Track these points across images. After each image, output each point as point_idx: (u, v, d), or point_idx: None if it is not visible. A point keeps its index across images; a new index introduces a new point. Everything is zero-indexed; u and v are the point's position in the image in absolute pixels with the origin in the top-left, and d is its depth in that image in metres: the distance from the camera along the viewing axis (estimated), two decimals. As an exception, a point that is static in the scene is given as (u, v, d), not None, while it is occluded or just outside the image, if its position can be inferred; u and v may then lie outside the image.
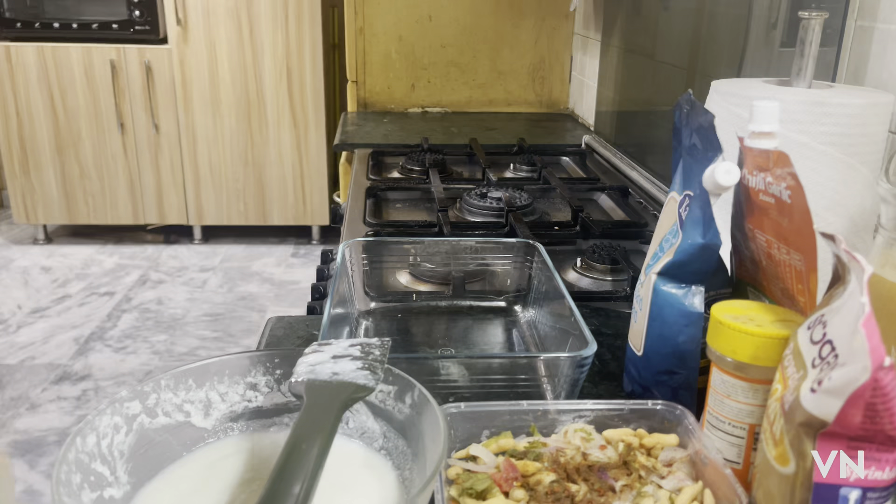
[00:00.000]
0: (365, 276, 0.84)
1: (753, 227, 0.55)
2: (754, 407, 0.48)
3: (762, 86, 0.76)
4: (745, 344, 0.47)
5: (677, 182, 0.62)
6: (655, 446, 0.52)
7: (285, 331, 0.77)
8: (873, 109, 0.67)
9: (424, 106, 2.09)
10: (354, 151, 1.67)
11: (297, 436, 0.43)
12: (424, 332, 0.81)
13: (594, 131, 1.83)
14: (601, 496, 0.47)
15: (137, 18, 2.94)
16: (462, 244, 0.85)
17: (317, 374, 0.49)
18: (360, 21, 2.00)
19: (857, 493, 0.38)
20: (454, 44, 2.04)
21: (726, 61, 1.13)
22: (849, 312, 0.37)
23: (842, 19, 0.81)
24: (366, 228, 1.10)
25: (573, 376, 0.59)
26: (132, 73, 3.00)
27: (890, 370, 0.33)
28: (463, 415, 0.52)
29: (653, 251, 0.63)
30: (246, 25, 2.98)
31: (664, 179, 1.30)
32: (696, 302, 0.58)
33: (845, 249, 0.40)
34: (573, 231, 1.10)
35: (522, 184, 1.33)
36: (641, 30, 1.53)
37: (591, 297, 0.88)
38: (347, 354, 0.51)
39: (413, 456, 0.49)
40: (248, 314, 2.70)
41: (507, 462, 0.49)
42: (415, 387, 0.49)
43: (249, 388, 0.54)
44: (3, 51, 2.95)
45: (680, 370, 0.59)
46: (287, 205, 3.24)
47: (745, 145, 0.55)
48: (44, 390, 2.18)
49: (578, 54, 2.02)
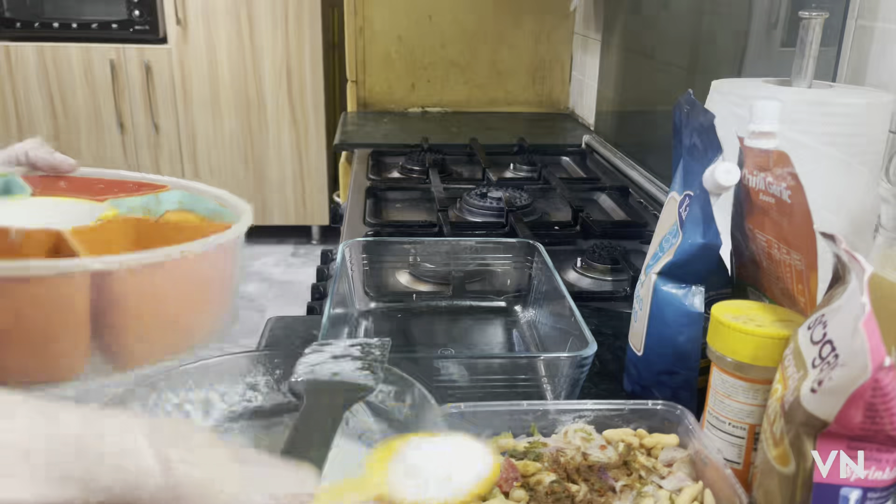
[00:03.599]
0: (365, 276, 0.84)
1: (753, 227, 0.55)
2: (754, 407, 0.48)
3: (762, 86, 0.76)
4: (745, 344, 0.47)
5: (677, 182, 0.62)
6: (655, 446, 0.52)
7: (285, 331, 0.77)
8: (873, 109, 0.68)
9: (424, 106, 2.09)
10: (354, 151, 1.66)
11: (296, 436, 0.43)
12: (424, 332, 0.81)
13: (594, 131, 1.83)
14: (601, 496, 0.47)
15: (137, 18, 2.94)
16: (462, 244, 0.85)
17: (317, 374, 0.49)
18: (359, 21, 2.00)
19: (857, 493, 0.38)
20: (454, 44, 2.04)
21: (726, 61, 1.13)
22: (849, 312, 0.37)
23: (842, 19, 0.81)
24: (366, 228, 1.10)
25: (573, 376, 0.59)
26: (132, 73, 3.00)
27: (890, 370, 0.33)
28: (463, 415, 0.52)
29: (653, 251, 0.63)
30: (246, 25, 2.98)
31: (664, 179, 1.30)
32: (696, 302, 0.58)
33: (845, 249, 0.40)
34: (573, 231, 1.10)
35: (522, 184, 1.33)
36: (641, 30, 1.53)
37: (591, 297, 0.88)
38: (347, 354, 0.51)
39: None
40: (248, 314, 2.70)
41: (507, 462, 0.49)
42: (415, 387, 0.49)
43: (249, 388, 0.54)
44: (3, 51, 2.95)
45: (680, 370, 0.59)
46: (287, 205, 3.24)
47: (746, 145, 0.55)
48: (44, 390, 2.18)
49: (578, 54, 2.02)
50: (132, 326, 0.37)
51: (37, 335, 0.35)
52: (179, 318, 0.40)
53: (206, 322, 0.42)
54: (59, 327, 0.35)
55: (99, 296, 0.36)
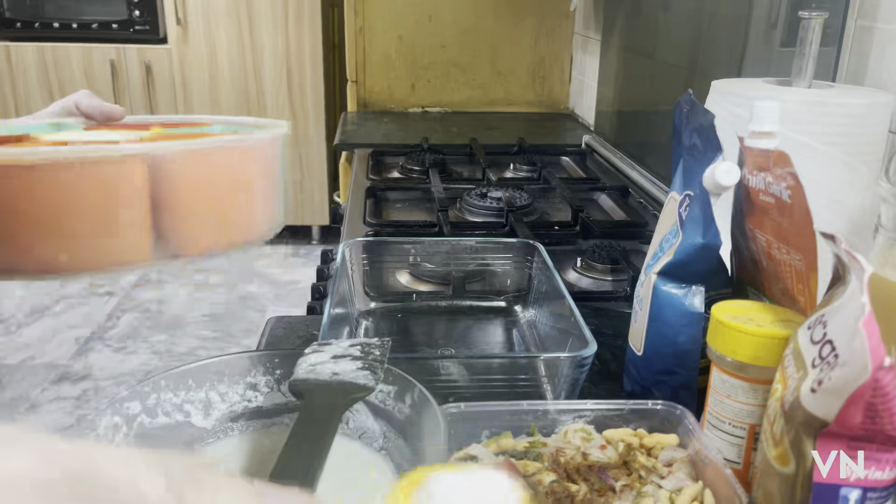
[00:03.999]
0: (365, 276, 0.84)
1: (754, 227, 0.55)
2: (754, 407, 0.48)
3: (762, 86, 0.76)
4: (745, 344, 0.47)
5: (677, 182, 0.62)
6: (655, 446, 0.52)
7: (285, 331, 0.77)
8: (873, 109, 0.68)
9: (424, 106, 2.09)
10: (354, 151, 1.66)
11: (297, 436, 0.43)
12: (424, 332, 0.81)
13: (594, 131, 1.83)
14: (601, 496, 0.47)
15: (137, 18, 2.94)
16: (462, 244, 0.85)
17: (317, 374, 0.49)
18: (360, 21, 2.00)
19: (857, 493, 0.38)
20: (454, 44, 2.04)
21: (726, 61, 1.13)
22: (849, 312, 0.37)
23: (842, 19, 0.81)
24: (366, 228, 1.10)
25: (573, 376, 0.59)
26: (132, 73, 3.00)
27: (890, 370, 0.33)
28: (463, 415, 0.52)
29: (653, 251, 0.63)
30: (246, 25, 2.98)
31: (664, 179, 1.30)
32: (696, 302, 0.58)
33: (845, 249, 0.40)
34: (573, 231, 1.10)
35: (522, 184, 1.33)
36: (641, 30, 1.53)
37: (591, 297, 0.88)
38: (347, 354, 0.51)
39: (413, 456, 0.49)
40: (248, 314, 2.70)
41: (507, 462, 0.49)
42: (415, 387, 0.49)
43: (249, 388, 0.54)
44: (3, 51, 2.95)
45: (680, 370, 0.59)
46: (287, 205, 3.21)
47: (746, 145, 0.55)
48: (44, 390, 2.18)
49: (578, 54, 2.02)
50: (188, 214, 0.41)
51: (103, 220, 0.38)
52: (230, 210, 0.43)
53: (255, 218, 0.45)
54: (122, 209, 0.38)
55: (155, 182, 0.39)
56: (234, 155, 0.43)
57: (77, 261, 0.38)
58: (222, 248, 0.43)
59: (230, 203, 0.43)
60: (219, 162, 0.42)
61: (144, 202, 0.39)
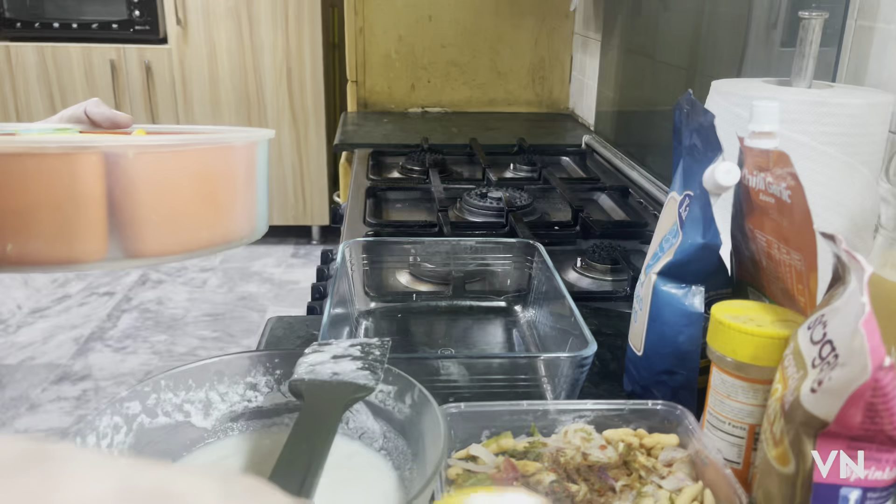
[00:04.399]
0: (365, 276, 0.84)
1: (753, 227, 0.55)
2: (754, 407, 0.48)
3: (762, 86, 0.76)
4: (745, 344, 0.47)
5: (677, 182, 0.62)
6: (655, 446, 0.52)
7: (285, 331, 0.77)
8: (873, 109, 0.67)
9: (424, 106, 2.09)
10: (354, 151, 1.67)
11: (297, 436, 0.43)
12: (424, 332, 0.81)
13: (594, 131, 1.83)
14: (601, 496, 0.47)
15: (137, 18, 2.94)
16: (462, 244, 0.85)
17: (317, 374, 0.49)
18: (360, 21, 2.00)
19: (857, 493, 0.38)
20: (454, 44, 2.04)
21: (726, 61, 1.13)
22: (849, 312, 0.37)
23: (842, 19, 0.81)
24: (366, 228, 1.10)
25: (573, 376, 0.59)
26: (132, 74, 3.00)
27: (890, 370, 0.33)
28: (463, 415, 0.52)
29: (653, 251, 0.63)
30: (246, 25, 2.98)
31: (664, 179, 1.30)
32: (696, 302, 0.58)
33: (845, 249, 0.40)
34: (573, 231, 1.10)
35: (522, 184, 1.33)
36: (641, 30, 1.53)
37: (591, 297, 0.88)
38: (347, 354, 0.51)
39: (413, 456, 0.49)
40: (248, 314, 2.70)
41: (507, 462, 0.49)
42: (415, 387, 0.49)
43: (249, 388, 0.54)
44: (3, 51, 2.95)
45: (680, 370, 0.59)
46: (287, 205, 3.24)
47: (745, 145, 0.55)
48: (44, 390, 2.18)
49: (578, 54, 2.02)
50: (147, 214, 0.39)
51: (55, 214, 0.37)
52: (193, 212, 0.41)
53: (228, 223, 0.43)
54: (76, 207, 0.37)
55: (113, 179, 0.37)
56: (207, 156, 0.41)
57: (25, 254, 0.37)
58: (186, 252, 0.41)
59: (198, 205, 0.41)
60: (188, 162, 0.40)
61: (99, 198, 0.37)
